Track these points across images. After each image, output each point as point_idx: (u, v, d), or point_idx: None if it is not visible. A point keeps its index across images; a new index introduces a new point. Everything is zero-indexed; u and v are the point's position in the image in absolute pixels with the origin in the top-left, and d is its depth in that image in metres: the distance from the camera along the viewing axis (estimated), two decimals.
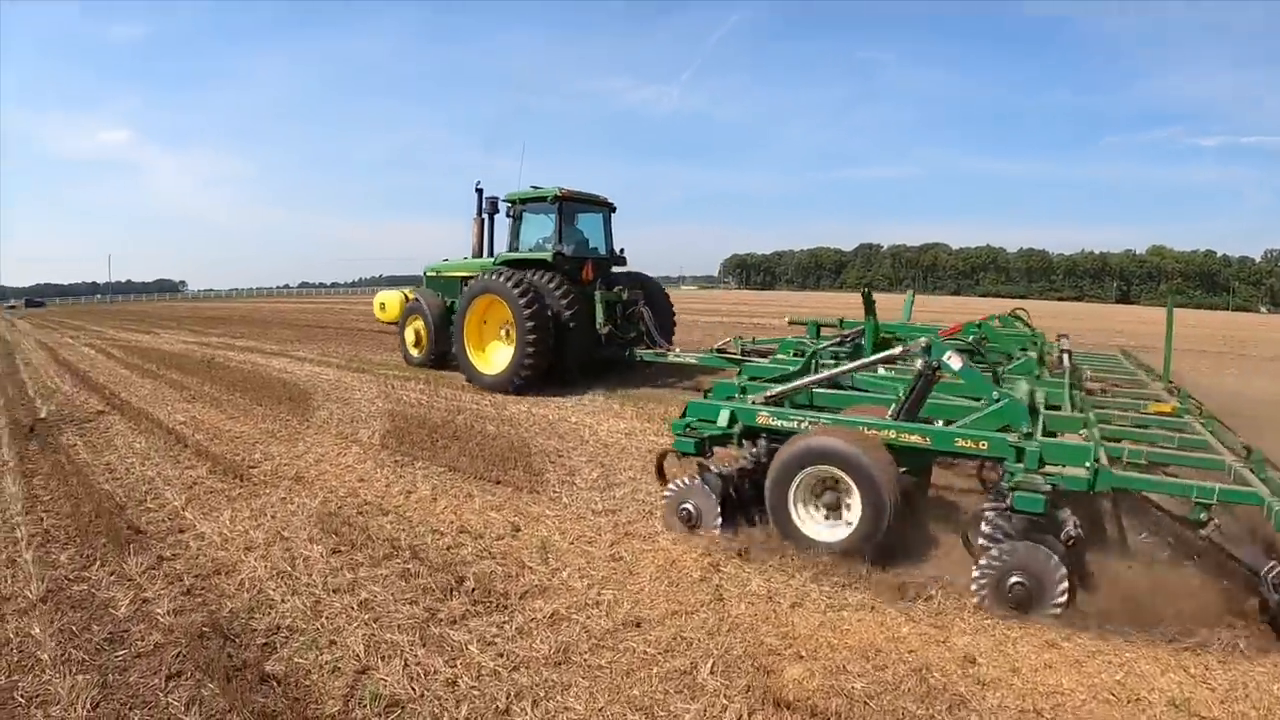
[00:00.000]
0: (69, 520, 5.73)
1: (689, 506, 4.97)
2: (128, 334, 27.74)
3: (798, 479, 4.51)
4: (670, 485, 5.10)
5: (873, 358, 5.49)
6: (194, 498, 6.21)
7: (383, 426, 8.99)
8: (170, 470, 7.09)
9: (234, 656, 3.65)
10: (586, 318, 10.89)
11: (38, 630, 3.98)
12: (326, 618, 4.02)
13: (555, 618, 3.99)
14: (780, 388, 5.30)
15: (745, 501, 4.97)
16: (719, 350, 9.88)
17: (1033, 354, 6.68)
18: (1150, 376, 6.95)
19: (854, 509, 4.33)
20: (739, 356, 9.28)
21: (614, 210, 12.43)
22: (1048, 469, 3.94)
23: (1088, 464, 3.81)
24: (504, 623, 3.92)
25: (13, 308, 71.03)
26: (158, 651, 3.75)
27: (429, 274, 14.15)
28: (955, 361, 4.60)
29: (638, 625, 3.93)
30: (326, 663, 3.57)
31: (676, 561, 4.71)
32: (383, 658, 3.58)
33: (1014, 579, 3.77)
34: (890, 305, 11.11)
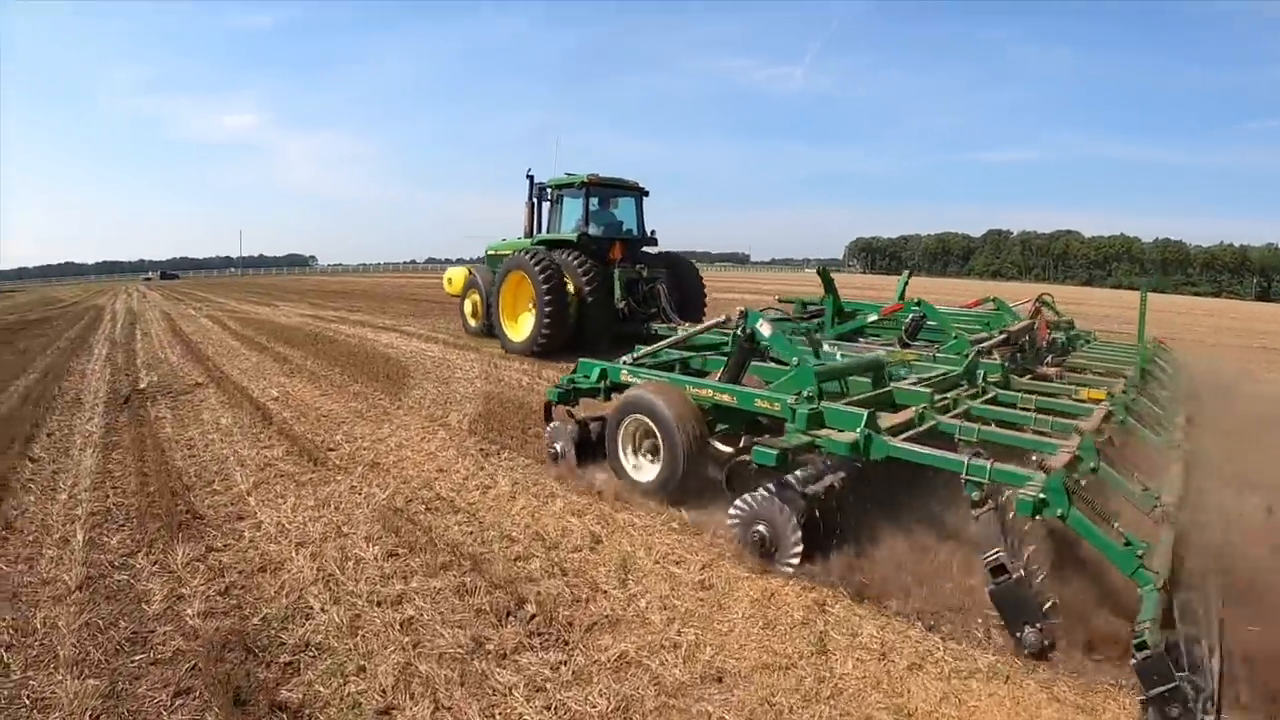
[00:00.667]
0: (133, 499, 5.86)
1: (556, 447, 6.34)
2: (249, 306, 30.27)
3: (624, 425, 5.59)
4: (550, 426, 6.44)
5: (701, 325, 6.94)
6: (262, 481, 6.19)
7: (475, 410, 8.83)
8: (247, 449, 7.20)
9: (251, 676, 3.36)
10: (608, 294, 12.60)
11: (64, 623, 3.93)
12: (362, 637, 3.65)
13: (622, 661, 3.41)
14: (645, 349, 6.59)
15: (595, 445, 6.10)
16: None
17: (967, 335, 7.37)
18: (1141, 368, 7.18)
19: (659, 454, 5.30)
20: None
21: (645, 194, 14.24)
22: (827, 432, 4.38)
23: (859, 430, 4.19)
24: (561, 663, 3.39)
25: (149, 279, 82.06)
26: (175, 660, 3.54)
27: (488, 252, 16.18)
28: (765, 329, 5.54)
29: (719, 679, 3.30)
30: (348, 695, 3.19)
31: (776, 596, 4.04)
32: (412, 696, 3.14)
33: (756, 527, 4.36)
34: (1016, 293, 10.25)
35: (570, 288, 12.24)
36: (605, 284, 12.52)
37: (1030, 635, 3.22)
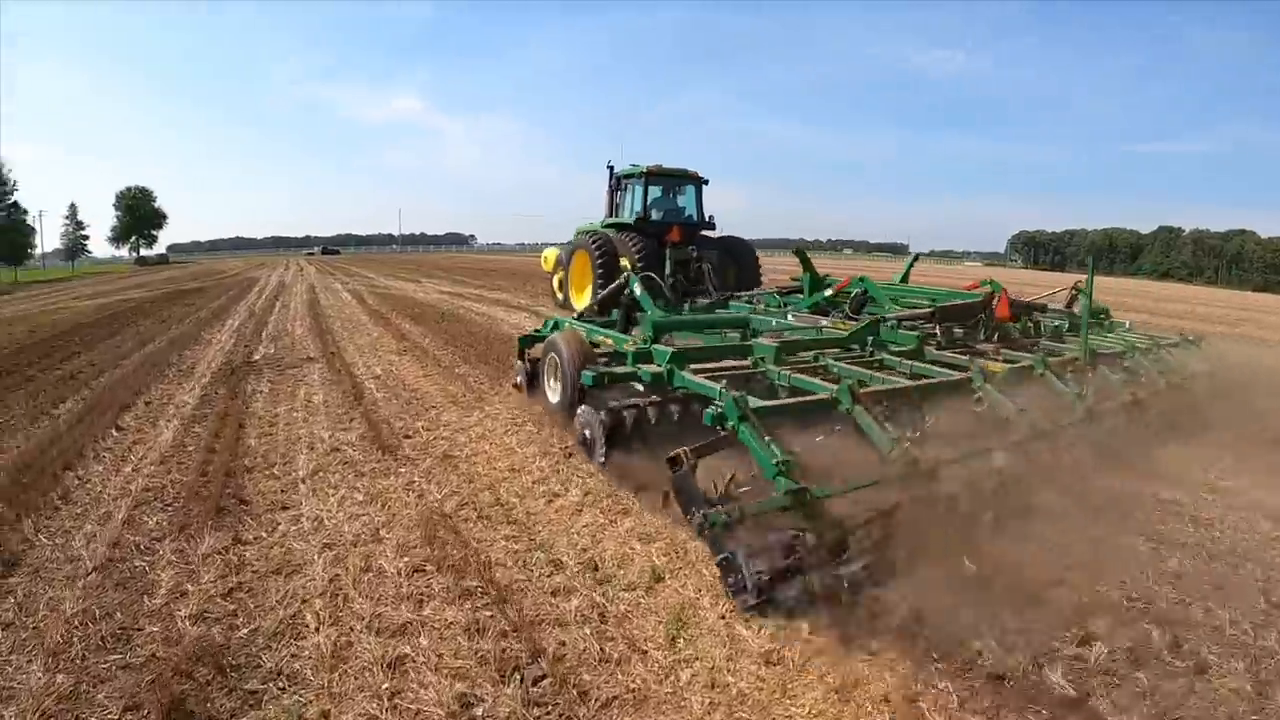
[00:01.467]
0: (191, 477, 6.10)
1: (517, 380, 8.61)
2: (394, 282, 32.29)
3: (546, 360, 7.70)
4: (516, 364, 8.71)
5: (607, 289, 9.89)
6: (322, 468, 6.25)
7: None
8: (324, 430, 7.35)
9: (207, 702, 3.19)
10: (660, 271, 14.22)
11: (66, 606, 4.06)
12: (342, 673, 3.40)
13: None
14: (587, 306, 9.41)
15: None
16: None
17: (897, 309, 9.08)
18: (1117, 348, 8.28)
19: (560, 383, 7.18)
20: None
21: (705, 183, 17.11)
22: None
23: (664, 365, 6.03)
24: None
25: (311, 254, 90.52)
26: (145, 667, 3.51)
27: (578, 233, 18.54)
28: (637, 289, 8.70)
29: None
30: None
31: (861, 685, 3.29)
32: None
33: (584, 430, 6.25)
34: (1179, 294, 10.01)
35: (624, 264, 14.83)
36: (658, 262, 14.64)
37: (697, 517, 4.02)
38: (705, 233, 16.60)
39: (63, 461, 6.57)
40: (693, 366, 6.12)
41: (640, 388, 6.37)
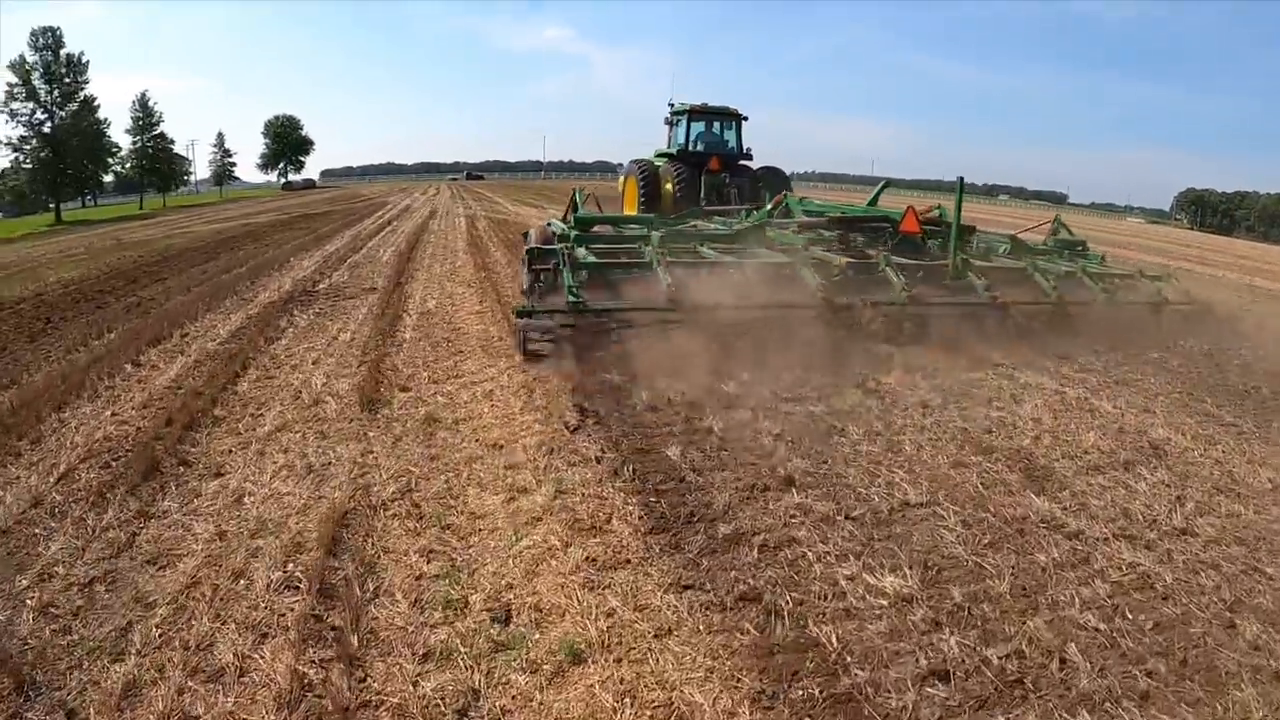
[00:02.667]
0: (156, 425, 5.65)
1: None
2: (519, 208, 32.37)
3: (522, 255, 9.89)
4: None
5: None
6: (288, 425, 5.65)
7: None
8: (321, 377, 6.82)
9: None
10: (696, 194, 17.06)
11: None
12: None
13: None
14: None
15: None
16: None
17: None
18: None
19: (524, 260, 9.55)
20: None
21: (744, 119, 19.51)
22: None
23: (572, 237, 9.06)
24: None
25: (455, 179, 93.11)
26: None
27: (630, 162, 21.14)
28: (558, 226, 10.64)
29: None
30: None
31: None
32: None
33: (521, 279, 9.42)
34: None
35: (668, 188, 17.59)
36: (694, 187, 17.23)
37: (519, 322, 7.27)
38: (743, 163, 19.02)
39: (60, 399, 6.31)
40: (597, 247, 9.01)
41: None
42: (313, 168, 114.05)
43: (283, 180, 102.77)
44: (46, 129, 53.63)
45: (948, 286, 8.74)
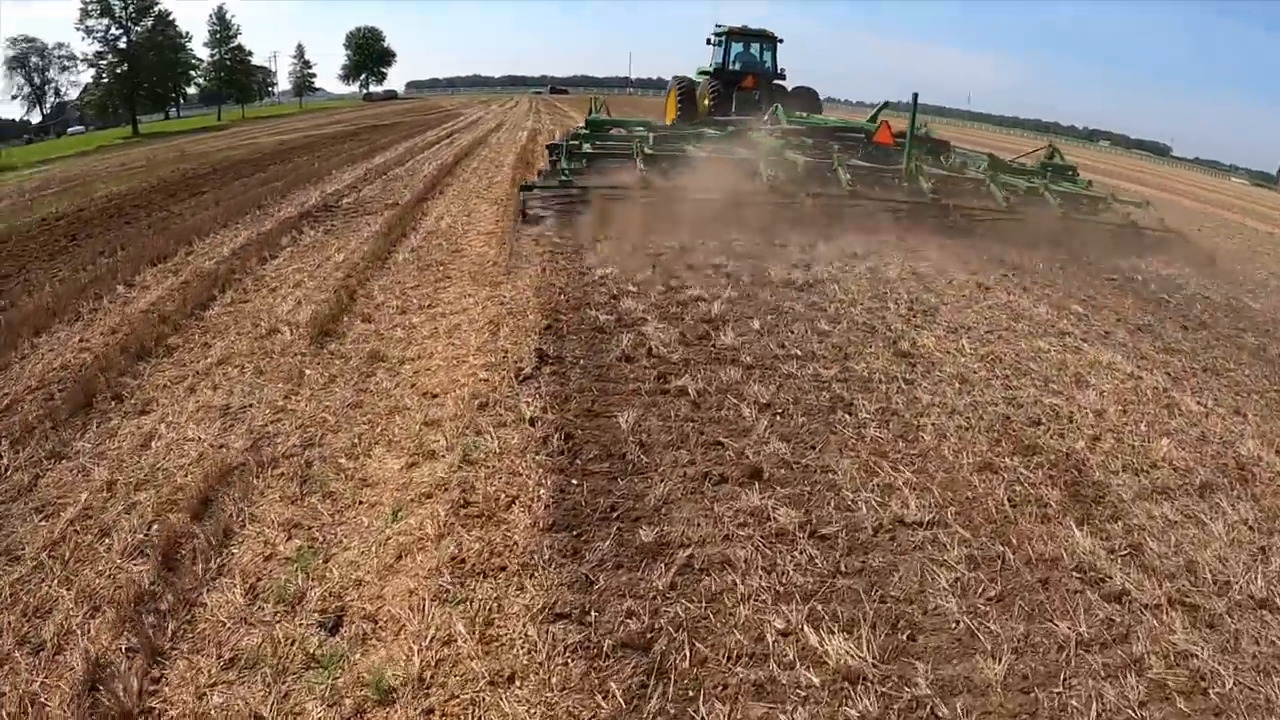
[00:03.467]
0: (111, 353, 5.55)
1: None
2: None
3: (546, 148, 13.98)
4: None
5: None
6: (231, 358, 5.47)
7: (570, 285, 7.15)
8: (289, 305, 6.61)
9: None
10: (729, 109, 18.48)
11: None
12: None
13: None
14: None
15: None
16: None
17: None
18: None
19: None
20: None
21: (780, 42, 20.38)
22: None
23: (587, 129, 12.94)
24: None
25: (538, 93, 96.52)
26: None
27: (673, 78, 22.50)
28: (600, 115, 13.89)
29: None
30: None
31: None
32: None
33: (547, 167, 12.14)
34: None
35: (705, 103, 19.15)
36: (727, 102, 18.82)
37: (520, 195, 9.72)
38: (778, 82, 20.06)
39: (43, 323, 6.30)
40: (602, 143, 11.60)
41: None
42: (398, 80, 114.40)
43: (364, 92, 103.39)
44: (122, 44, 55.16)
45: (903, 189, 10.55)
